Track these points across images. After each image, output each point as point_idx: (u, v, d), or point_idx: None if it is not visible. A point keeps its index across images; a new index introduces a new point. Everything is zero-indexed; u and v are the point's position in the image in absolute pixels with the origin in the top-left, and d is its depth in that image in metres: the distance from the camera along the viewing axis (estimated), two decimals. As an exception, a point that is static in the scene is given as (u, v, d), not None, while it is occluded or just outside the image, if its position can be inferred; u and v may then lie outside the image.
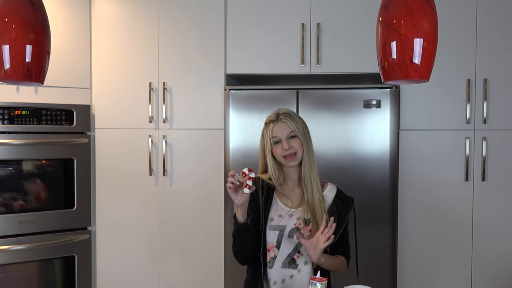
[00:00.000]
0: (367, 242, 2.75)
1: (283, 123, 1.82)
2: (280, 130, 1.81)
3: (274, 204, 1.85)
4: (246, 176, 1.69)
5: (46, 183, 2.91)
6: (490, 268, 2.79)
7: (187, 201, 2.98)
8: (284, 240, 1.80)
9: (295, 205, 1.86)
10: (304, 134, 1.83)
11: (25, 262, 2.82)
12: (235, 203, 1.72)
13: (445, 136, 2.80)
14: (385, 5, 1.36)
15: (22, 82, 1.51)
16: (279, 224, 1.82)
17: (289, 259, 1.80)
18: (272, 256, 1.81)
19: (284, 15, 2.88)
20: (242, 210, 1.74)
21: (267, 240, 1.81)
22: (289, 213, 1.83)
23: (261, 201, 1.82)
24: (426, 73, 1.34)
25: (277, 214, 1.83)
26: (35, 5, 1.47)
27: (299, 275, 1.80)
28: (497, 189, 2.77)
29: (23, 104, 2.81)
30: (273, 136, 1.82)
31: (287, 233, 1.80)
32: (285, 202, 1.86)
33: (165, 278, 3.01)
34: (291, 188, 1.88)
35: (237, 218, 1.76)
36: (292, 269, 1.80)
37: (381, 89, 2.73)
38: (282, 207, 1.84)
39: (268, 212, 1.83)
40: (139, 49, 3.00)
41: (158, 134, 2.99)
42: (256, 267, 1.81)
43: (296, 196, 1.87)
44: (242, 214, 1.75)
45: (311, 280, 1.54)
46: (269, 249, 1.81)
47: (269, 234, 1.81)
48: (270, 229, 1.81)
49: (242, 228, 1.76)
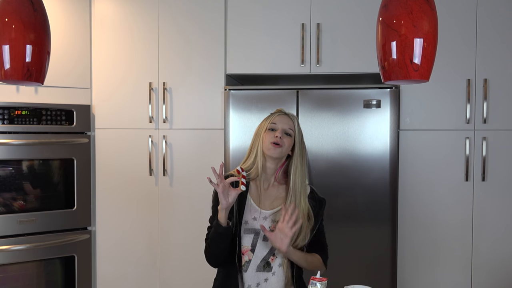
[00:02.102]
0: (367, 242, 2.76)
1: (289, 119, 1.83)
2: (282, 121, 1.82)
3: (248, 205, 1.81)
4: (239, 174, 1.69)
5: (46, 183, 2.91)
6: (490, 268, 2.79)
7: (187, 201, 2.98)
8: (259, 244, 1.77)
9: (268, 206, 1.82)
10: (301, 144, 1.83)
11: (25, 262, 2.82)
12: (222, 205, 1.68)
13: (445, 136, 2.80)
14: (385, 5, 1.36)
15: (22, 82, 1.51)
16: (254, 227, 1.78)
17: (264, 263, 1.77)
18: (246, 260, 1.77)
19: (284, 15, 2.88)
20: (226, 213, 1.70)
21: (242, 243, 1.77)
22: (262, 215, 1.80)
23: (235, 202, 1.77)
24: (426, 73, 1.34)
25: (251, 217, 1.80)
26: (35, 5, 1.47)
27: (273, 278, 1.77)
28: (497, 189, 2.77)
29: (23, 104, 2.81)
30: (273, 122, 1.82)
31: (262, 237, 1.77)
32: (257, 202, 1.82)
33: (165, 278, 3.01)
34: (265, 188, 1.85)
35: (220, 221, 1.71)
36: (267, 272, 1.77)
37: (381, 89, 2.73)
38: (256, 208, 1.81)
39: (242, 214, 1.79)
40: (139, 49, 3.00)
41: (158, 134, 2.99)
42: (228, 271, 1.78)
43: (269, 196, 1.84)
44: (225, 217, 1.71)
45: (311, 280, 1.52)
46: (243, 252, 1.77)
47: (244, 238, 1.77)
48: (245, 232, 1.78)
49: (225, 232, 1.71)
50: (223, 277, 1.81)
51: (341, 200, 2.76)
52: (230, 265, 1.78)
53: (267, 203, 1.83)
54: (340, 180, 2.75)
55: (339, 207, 2.75)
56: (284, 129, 1.80)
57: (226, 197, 1.67)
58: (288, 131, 1.81)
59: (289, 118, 1.83)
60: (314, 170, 2.73)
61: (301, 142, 1.84)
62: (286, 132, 1.80)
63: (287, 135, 1.80)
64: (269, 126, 1.81)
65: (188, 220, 2.98)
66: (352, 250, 2.75)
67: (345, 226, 2.75)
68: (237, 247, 1.76)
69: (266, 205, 1.82)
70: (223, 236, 1.72)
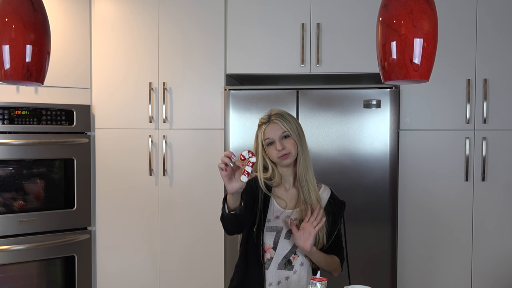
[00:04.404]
0: (367, 242, 2.76)
1: (275, 124, 1.79)
2: (272, 131, 1.79)
3: (271, 205, 1.83)
4: (245, 160, 1.52)
5: (46, 183, 2.91)
6: (490, 268, 2.79)
7: (187, 201, 2.98)
8: (281, 242, 1.79)
9: (290, 206, 1.84)
10: (298, 133, 1.81)
11: (25, 262, 2.82)
12: (228, 190, 1.59)
13: (445, 136, 2.80)
14: (385, 5, 1.36)
15: (22, 82, 1.51)
16: (276, 225, 1.80)
17: (285, 261, 1.79)
18: (268, 258, 1.79)
19: (284, 15, 2.88)
20: (235, 197, 1.62)
21: (264, 241, 1.79)
22: (285, 214, 1.82)
23: (260, 201, 1.80)
24: (426, 73, 1.34)
25: (274, 216, 1.81)
26: (35, 5, 1.47)
27: (294, 277, 1.79)
28: (497, 189, 2.77)
29: (23, 104, 2.81)
30: (266, 138, 1.80)
31: (284, 234, 1.79)
32: (280, 203, 1.84)
33: (165, 278, 3.01)
34: (286, 189, 1.87)
35: (228, 204, 1.65)
36: (288, 271, 1.79)
37: (381, 89, 2.73)
38: (278, 208, 1.83)
39: (265, 213, 1.81)
40: (139, 49, 3.00)
41: (158, 134, 2.99)
42: (249, 269, 1.79)
43: (291, 197, 1.86)
44: (234, 201, 1.63)
45: (311, 280, 1.53)
46: (265, 250, 1.79)
47: (266, 236, 1.79)
48: (267, 230, 1.80)
49: (228, 216, 1.67)
50: (242, 276, 1.82)
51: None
52: (250, 264, 1.79)
53: (290, 203, 1.85)
54: (340, 180, 2.75)
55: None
56: (279, 137, 1.79)
57: (232, 183, 1.58)
58: (283, 135, 1.79)
59: (275, 123, 1.79)
60: (314, 170, 2.72)
61: (297, 131, 1.81)
62: (283, 136, 1.79)
63: (286, 138, 1.80)
64: (265, 142, 1.81)
65: (188, 220, 2.98)
66: (352, 250, 2.75)
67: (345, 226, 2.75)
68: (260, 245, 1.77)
69: (289, 205, 1.84)
70: (226, 220, 1.70)
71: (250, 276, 1.79)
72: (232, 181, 1.57)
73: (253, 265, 1.78)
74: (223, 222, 1.74)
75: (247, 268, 1.80)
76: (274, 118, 1.80)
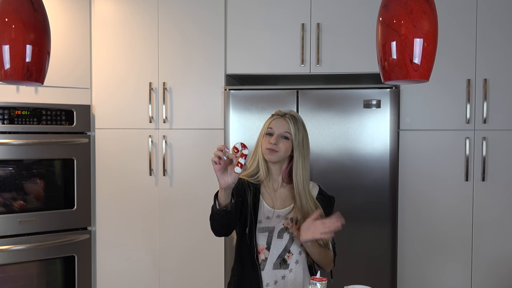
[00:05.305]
0: (367, 242, 2.76)
1: (285, 121, 1.82)
2: (278, 125, 1.81)
3: (261, 206, 1.83)
4: (238, 152, 1.50)
5: (46, 183, 2.91)
6: (490, 268, 2.79)
7: (187, 201, 2.98)
8: (274, 241, 1.79)
9: (279, 206, 1.84)
10: (301, 143, 1.81)
11: (25, 262, 2.82)
12: (220, 185, 1.55)
13: (445, 136, 2.80)
14: (385, 5, 1.36)
15: (22, 82, 1.51)
16: (267, 226, 1.80)
17: (280, 260, 1.79)
18: (263, 258, 1.79)
19: (284, 15, 2.88)
20: (226, 192, 1.58)
21: (257, 242, 1.79)
22: (275, 214, 1.82)
23: (250, 202, 1.79)
24: (426, 73, 1.34)
25: (265, 216, 1.81)
26: (35, 5, 1.47)
27: (291, 275, 1.79)
28: (497, 189, 2.77)
29: (23, 104, 2.81)
30: (269, 127, 1.82)
31: (276, 234, 1.79)
32: (269, 203, 1.84)
33: (165, 278, 3.01)
34: (275, 189, 1.87)
35: (219, 200, 1.62)
36: (284, 270, 1.79)
37: (381, 89, 2.73)
38: (268, 209, 1.83)
39: (256, 214, 1.80)
40: (139, 49, 3.00)
41: (158, 134, 2.99)
42: (245, 272, 1.79)
43: (279, 197, 1.86)
44: (226, 197, 1.60)
45: (311, 280, 1.53)
46: (259, 251, 1.79)
47: (258, 237, 1.79)
48: (259, 231, 1.79)
49: (219, 213, 1.63)
50: (239, 279, 1.82)
51: (341, 200, 2.73)
52: (246, 266, 1.79)
53: (279, 203, 1.85)
54: (340, 180, 2.75)
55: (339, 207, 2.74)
56: (280, 134, 1.80)
57: (224, 176, 1.55)
58: (284, 135, 1.80)
59: (286, 121, 1.81)
60: (314, 170, 2.72)
61: (302, 143, 1.82)
62: (283, 136, 1.80)
63: (284, 139, 1.80)
64: (266, 131, 1.82)
65: (188, 220, 2.98)
66: (352, 250, 2.75)
67: (345, 226, 2.75)
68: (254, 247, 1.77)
69: (278, 205, 1.84)
70: (216, 217, 1.67)
71: (247, 278, 1.79)
72: (225, 175, 1.55)
73: (249, 267, 1.78)
74: (212, 221, 1.72)
75: (243, 271, 1.80)
76: (288, 117, 1.83)
